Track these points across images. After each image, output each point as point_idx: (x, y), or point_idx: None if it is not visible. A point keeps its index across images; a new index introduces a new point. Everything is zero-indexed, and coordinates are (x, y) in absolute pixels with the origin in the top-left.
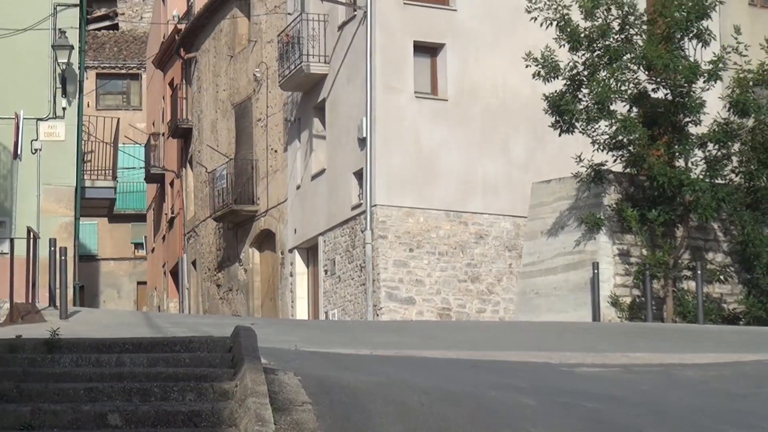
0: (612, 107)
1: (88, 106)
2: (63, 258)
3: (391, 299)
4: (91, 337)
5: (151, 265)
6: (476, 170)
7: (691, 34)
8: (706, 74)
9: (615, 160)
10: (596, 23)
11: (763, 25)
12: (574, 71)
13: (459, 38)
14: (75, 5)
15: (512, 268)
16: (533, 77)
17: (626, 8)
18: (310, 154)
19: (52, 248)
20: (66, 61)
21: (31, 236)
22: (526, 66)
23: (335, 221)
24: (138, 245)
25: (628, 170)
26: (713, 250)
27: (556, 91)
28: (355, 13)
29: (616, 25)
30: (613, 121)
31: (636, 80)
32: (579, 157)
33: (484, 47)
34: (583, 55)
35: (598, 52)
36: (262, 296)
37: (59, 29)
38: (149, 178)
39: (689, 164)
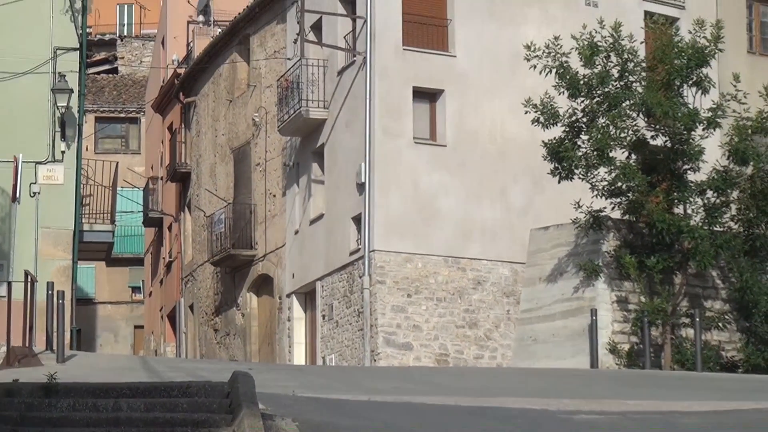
0: (611, 154)
1: (87, 149)
2: (60, 302)
3: (389, 345)
4: (88, 382)
5: (148, 309)
6: (475, 216)
7: (690, 82)
8: (705, 122)
9: (614, 207)
10: (595, 70)
11: (762, 72)
12: (573, 118)
13: (458, 84)
14: (75, 49)
15: (510, 314)
16: (532, 123)
17: (626, 55)
18: (309, 198)
19: (50, 292)
20: (65, 104)
21: (29, 280)
22: (525, 112)
23: (333, 266)
24: (135, 289)
25: (626, 217)
26: (711, 297)
27: (555, 137)
28: (355, 58)
29: (615, 72)
30: (612, 168)
31: (635, 127)
32: (578, 203)
33: (483, 93)
34: (583, 101)
35: (598, 98)
36: (260, 341)
37: (59, 73)
38: (147, 221)
39: (688, 211)
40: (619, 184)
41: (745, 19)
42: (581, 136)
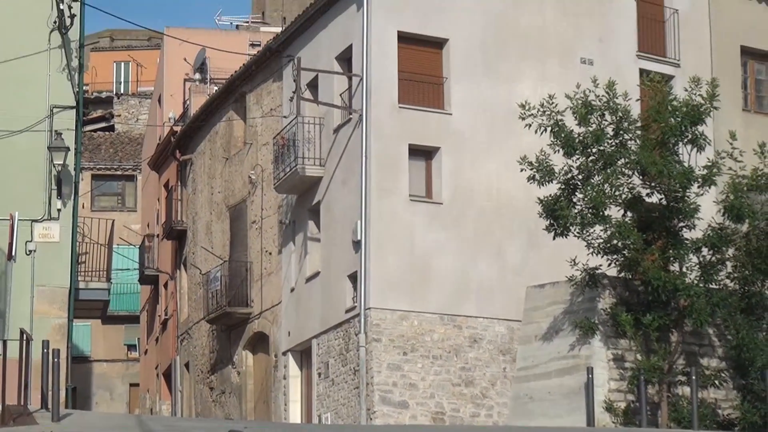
0: (606, 211)
1: (83, 207)
2: (56, 360)
3: (385, 403)
4: None
5: (144, 367)
6: (470, 273)
7: (685, 140)
8: (700, 179)
9: (609, 264)
10: (590, 129)
11: (757, 130)
12: (569, 175)
13: (454, 142)
14: (71, 107)
15: (506, 372)
16: (528, 181)
17: (620, 114)
18: (305, 256)
19: (45, 350)
20: (62, 162)
21: (24, 338)
22: (521, 170)
23: (329, 324)
24: (131, 347)
25: (622, 274)
26: (708, 355)
27: (550, 194)
28: (351, 116)
29: (610, 130)
30: (608, 225)
31: (630, 185)
32: (573, 261)
33: (478, 151)
34: (578, 159)
35: (593, 157)
36: (255, 399)
37: (55, 131)
38: (143, 279)
39: (684, 269)
40: (615, 241)
41: (740, 77)
42: (577, 193)
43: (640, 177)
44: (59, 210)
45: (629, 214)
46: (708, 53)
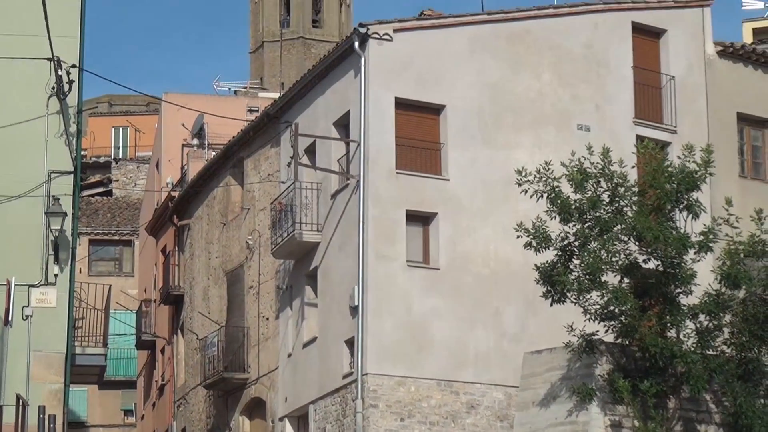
0: (603, 278)
1: (80, 272)
2: (52, 426)
3: None
4: None
5: None
6: (468, 339)
7: (681, 206)
8: (696, 246)
9: (607, 330)
10: (586, 195)
11: (754, 196)
12: (566, 242)
13: (451, 207)
14: (69, 172)
15: None
16: (524, 247)
17: (616, 180)
18: (302, 322)
19: (41, 416)
20: (59, 228)
21: (20, 403)
22: (518, 236)
23: (326, 390)
24: (128, 412)
25: (619, 340)
26: (705, 421)
27: (547, 261)
28: (348, 182)
29: (606, 197)
30: (605, 291)
31: (627, 251)
32: (570, 327)
33: (476, 217)
34: (574, 225)
35: (589, 223)
36: None
37: (53, 196)
38: (140, 344)
39: (681, 335)
40: (612, 307)
41: (736, 143)
42: (573, 259)
43: (637, 243)
44: (56, 275)
45: (626, 280)
46: (704, 120)
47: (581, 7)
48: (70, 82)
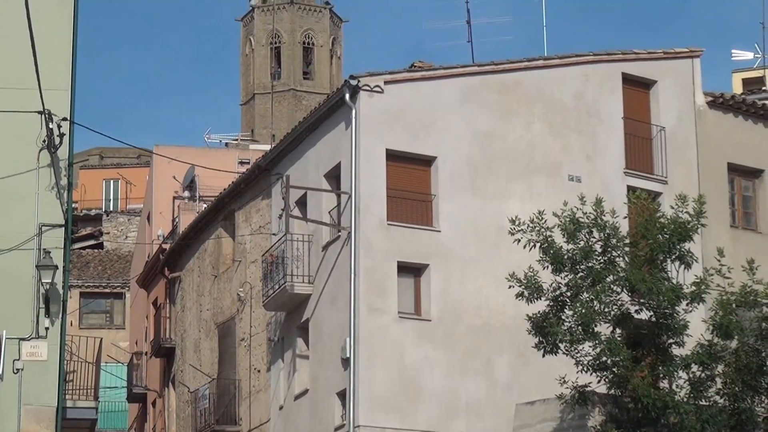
0: (595, 328)
1: (71, 324)
2: None
3: None
4: None
5: None
6: (460, 390)
7: (673, 257)
8: (689, 296)
9: (599, 381)
10: (579, 245)
11: (745, 246)
12: (557, 292)
13: (442, 258)
14: (60, 225)
15: None
16: (516, 298)
17: (608, 230)
18: (294, 374)
19: None
20: (50, 281)
21: None
22: (509, 287)
23: None
24: None
25: (612, 391)
26: None
27: (539, 311)
28: (339, 233)
29: (598, 247)
30: (597, 342)
31: (619, 302)
32: (563, 378)
33: (467, 267)
34: (566, 276)
35: (582, 273)
36: None
37: (44, 249)
38: (131, 397)
39: (673, 386)
40: (604, 358)
41: (727, 194)
42: (565, 310)
43: (629, 294)
44: (47, 328)
45: (618, 331)
46: (695, 170)
47: (572, 59)
48: (61, 135)
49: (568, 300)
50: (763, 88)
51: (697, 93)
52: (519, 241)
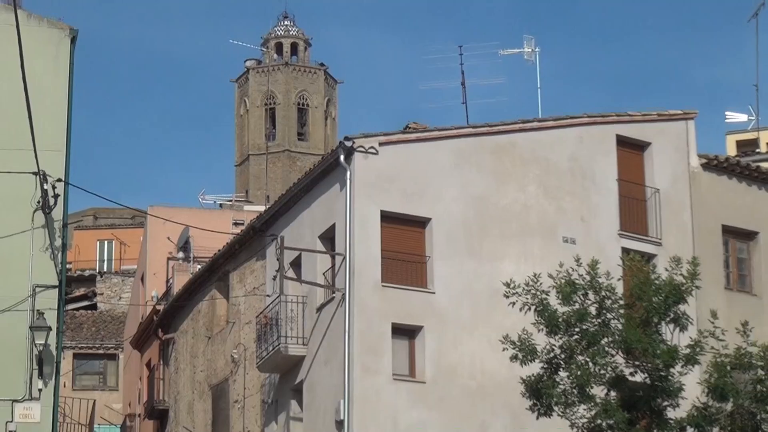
0: (590, 391)
1: (65, 386)
2: None
3: None
4: None
5: None
6: None
7: (668, 319)
8: (684, 359)
9: None
10: (574, 308)
11: (739, 308)
12: (552, 354)
13: (437, 320)
14: (54, 287)
15: None
16: (510, 360)
17: (603, 293)
18: None
19: None
20: (43, 342)
21: None
22: (504, 349)
23: None
24: None
25: None
26: None
27: (533, 374)
28: (334, 295)
29: (593, 309)
30: (592, 405)
31: (614, 364)
32: None
33: (461, 329)
34: (561, 338)
35: (576, 336)
36: None
37: (38, 310)
38: None
39: None
40: (599, 421)
41: (721, 255)
42: (560, 372)
43: (624, 356)
44: (40, 390)
45: (613, 393)
46: (689, 232)
47: (566, 121)
48: (56, 196)
49: (562, 362)
50: (757, 150)
51: (691, 155)
52: (513, 304)
